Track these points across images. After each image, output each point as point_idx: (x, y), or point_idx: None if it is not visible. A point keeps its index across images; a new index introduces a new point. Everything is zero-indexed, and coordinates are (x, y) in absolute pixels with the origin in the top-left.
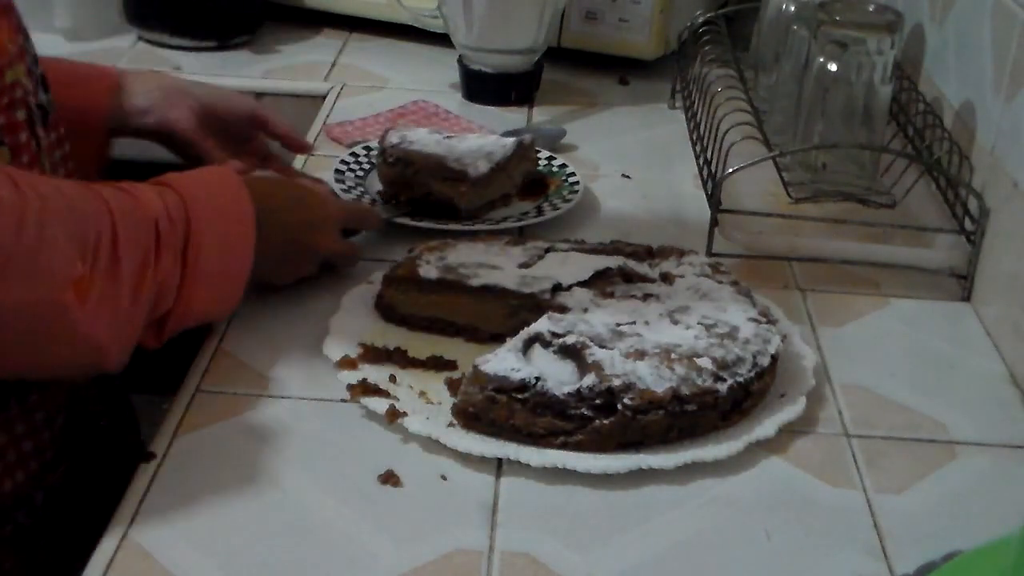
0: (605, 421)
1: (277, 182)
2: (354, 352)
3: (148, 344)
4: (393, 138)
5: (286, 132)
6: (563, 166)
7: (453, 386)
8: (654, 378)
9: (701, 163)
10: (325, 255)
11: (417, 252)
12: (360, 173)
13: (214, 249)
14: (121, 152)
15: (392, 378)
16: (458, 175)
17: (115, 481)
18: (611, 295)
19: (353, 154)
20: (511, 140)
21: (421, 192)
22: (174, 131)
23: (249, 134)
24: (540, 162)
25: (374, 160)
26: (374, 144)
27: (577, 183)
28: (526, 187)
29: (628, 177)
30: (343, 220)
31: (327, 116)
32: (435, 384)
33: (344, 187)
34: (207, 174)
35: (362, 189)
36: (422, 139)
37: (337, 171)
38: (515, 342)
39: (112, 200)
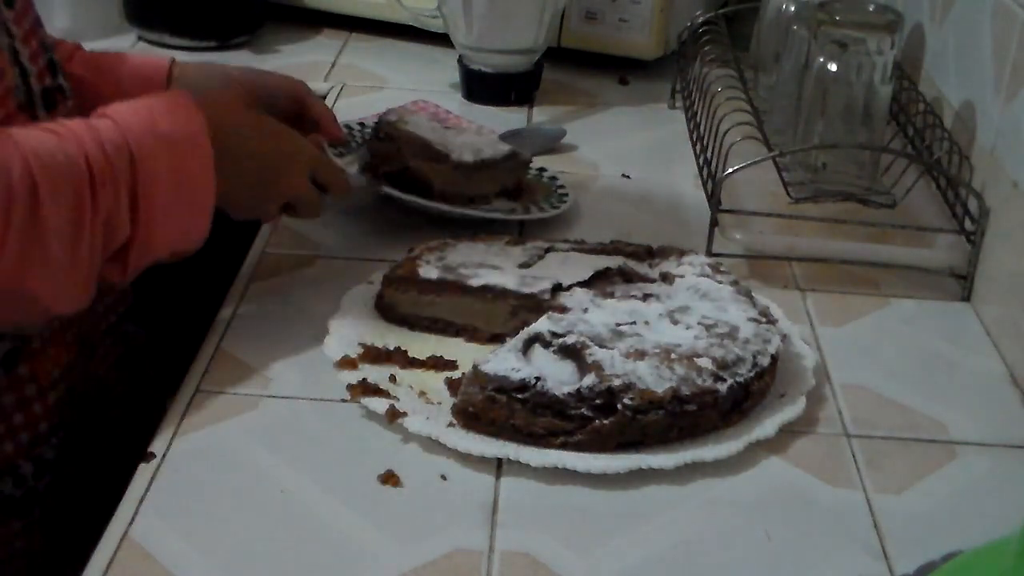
0: (605, 421)
1: (252, 114)
2: (354, 352)
3: (114, 279)
4: (391, 116)
5: (322, 117)
6: (553, 178)
7: (453, 386)
8: (654, 378)
9: (701, 163)
10: (290, 196)
11: (417, 252)
12: (353, 146)
13: (166, 176)
14: None
15: (392, 378)
16: (439, 156)
17: (116, 477)
18: (611, 295)
19: (347, 126)
20: (507, 147)
21: (399, 167)
22: None
23: (297, 114)
24: (530, 172)
25: (367, 136)
26: (369, 122)
27: (566, 195)
28: (511, 192)
29: (628, 177)
30: (314, 165)
31: None
32: (435, 384)
33: (336, 151)
34: (154, 100)
35: (353, 159)
36: (419, 122)
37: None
38: (515, 342)
39: (28, 144)
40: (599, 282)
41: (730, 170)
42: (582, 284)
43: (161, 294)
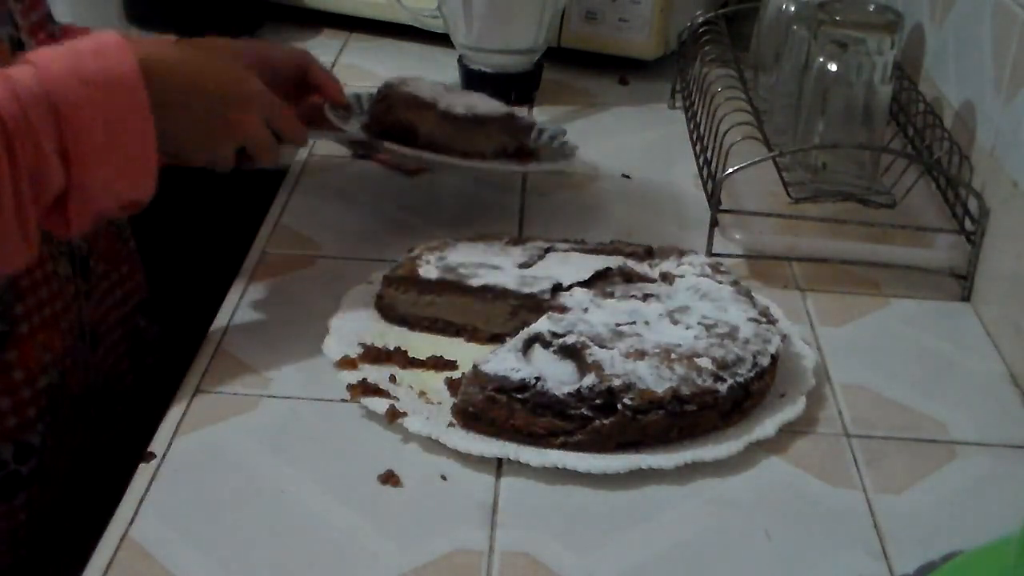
0: (605, 421)
1: (201, 53)
2: (354, 352)
3: (59, 232)
4: (394, 80)
5: (325, 82)
6: (565, 143)
7: (453, 386)
8: (654, 378)
9: (701, 163)
10: (244, 139)
11: (417, 252)
12: (357, 111)
13: (97, 120)
14: None
15: (392, 378)
16: (425, 105)
17: (116, 474)
18: (611, 295)
19: (356, 96)
20: (506, 108)
21: (389, 122)
22: None
23: (301, 81)
24: (542, 138)
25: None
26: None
27: (573, 148)
28: (514, 155)
29: (628, 177)
30: (268, 109)
31: None
32: (435, 384)
33: (338, 114)
34: (81, 42)
35: (356, 121)
36: (420, 85)
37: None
38: (515, 342)
39: None
40: (599, 282)
41: (730, 170)
42: (582, 284)
43: (177, 289)
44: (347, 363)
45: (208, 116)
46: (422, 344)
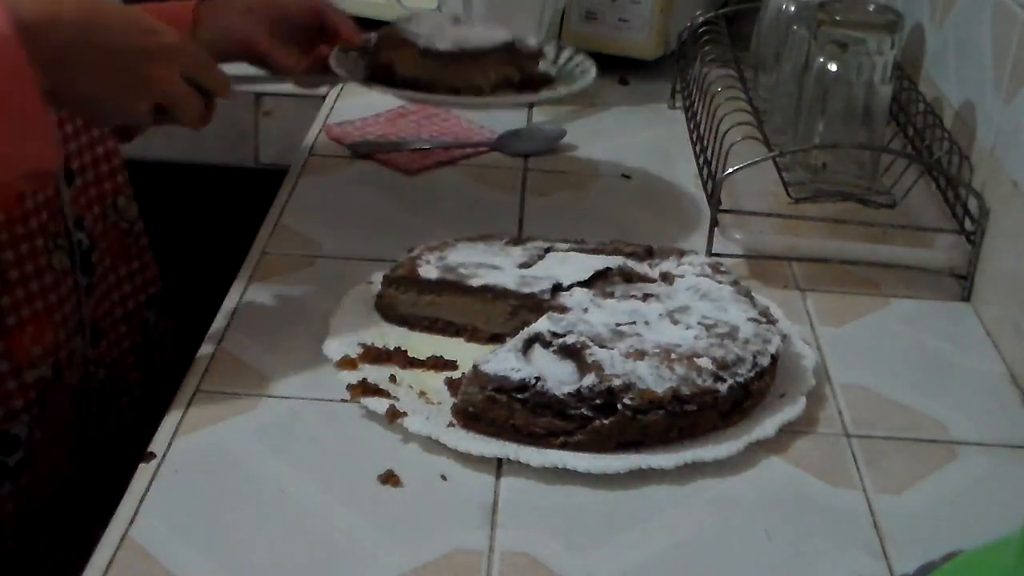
0: (605, 421)
1: (111, 7)
2: (354, 352)
3: None
4: (402, 17)
5: (341, 25)
6: (580, 63)
7: (453, 386)
8: (654, 378)
9: (701, 163)
10: (160, 95)
11: (417, 252)
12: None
13: None
14: (144, 153)
15: (392, 378)
16: (405, 44)
17: (116, 469)
18: (611, 295)
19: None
20: (503, 38)
21: (375, 61)
22: (249, 49)
23: (317, 27)
24: (567, 66)
25: None
26: None
27: (588, 66)
28: (521, 85)
29: (628, 177)
30: (185, 61)
31: (327, 116)
32: (435, 384)
33: (343, 59)
34: None
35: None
36: (422, 20)
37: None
38: (515, 342)
39: None
40: (599, 282)
41: (730, 170)
42: (582, 284)
43: (195, 286)
44: (347, 363)
45: (117, 72)
46: (422, 344)
